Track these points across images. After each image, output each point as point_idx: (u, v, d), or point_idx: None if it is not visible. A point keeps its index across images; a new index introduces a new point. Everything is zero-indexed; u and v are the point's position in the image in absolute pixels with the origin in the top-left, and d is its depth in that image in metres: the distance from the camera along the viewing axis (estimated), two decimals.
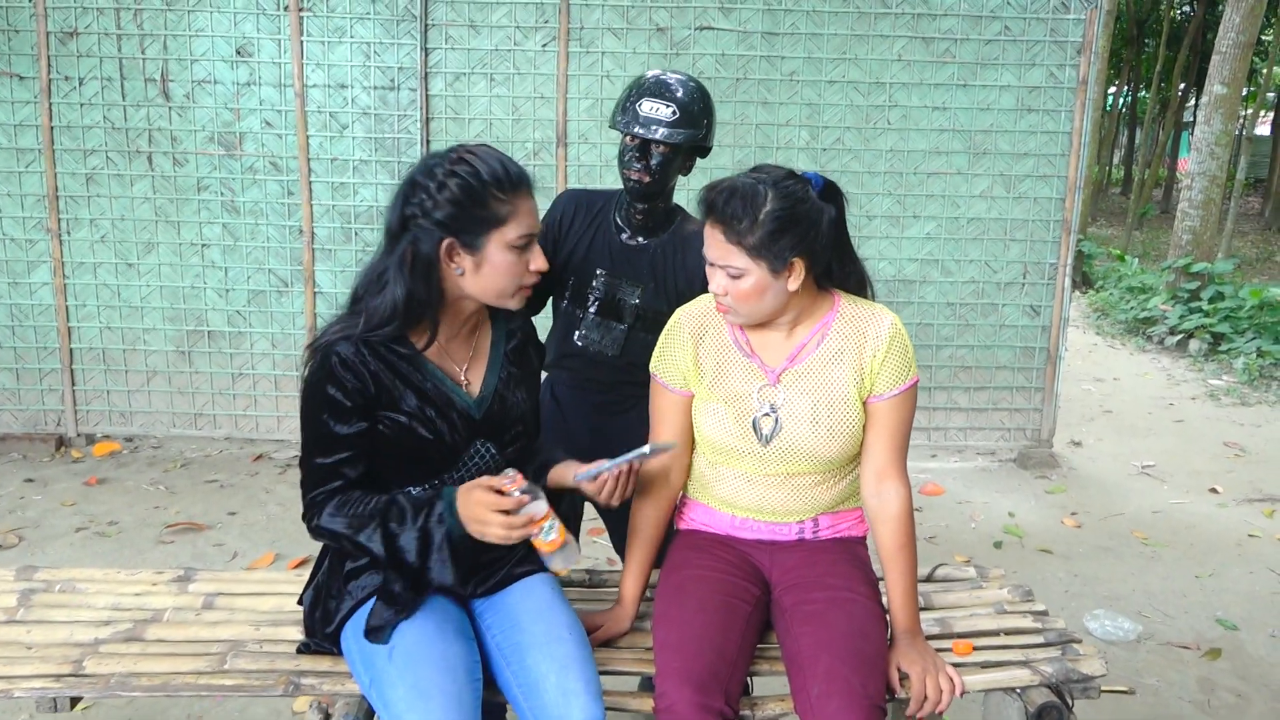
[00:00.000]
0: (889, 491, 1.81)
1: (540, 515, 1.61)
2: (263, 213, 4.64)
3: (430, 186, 1.63)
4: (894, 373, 1.79)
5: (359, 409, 1.65)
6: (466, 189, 1.62)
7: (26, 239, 4.64)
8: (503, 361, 1.82)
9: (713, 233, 1.72)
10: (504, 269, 1.66)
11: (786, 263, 1.70)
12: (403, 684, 1.57)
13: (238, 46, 4.52)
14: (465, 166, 1.63)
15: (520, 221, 1.65)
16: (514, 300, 1.72)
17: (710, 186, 1.73)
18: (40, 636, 1.88)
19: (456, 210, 1.62)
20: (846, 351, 1.80)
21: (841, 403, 1.79)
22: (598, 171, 4.63)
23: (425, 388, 1.70)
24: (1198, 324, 7.79)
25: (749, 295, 1.72)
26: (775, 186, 1.69)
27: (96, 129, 4.55)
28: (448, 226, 1.62)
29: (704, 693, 1.58)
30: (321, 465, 1.67)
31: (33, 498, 4.18)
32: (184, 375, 4.78)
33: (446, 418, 1.71)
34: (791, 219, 1.68)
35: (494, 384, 1.79)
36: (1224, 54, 7.88)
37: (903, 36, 4.60)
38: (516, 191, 1.65)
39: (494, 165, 1.64)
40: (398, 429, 1.68)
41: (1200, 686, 2.94)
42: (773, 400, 1.81)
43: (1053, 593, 3.51)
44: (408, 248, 1.63)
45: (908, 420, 1.82)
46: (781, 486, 1.85)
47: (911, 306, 4.81)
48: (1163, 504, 4.50)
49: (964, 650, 1.89)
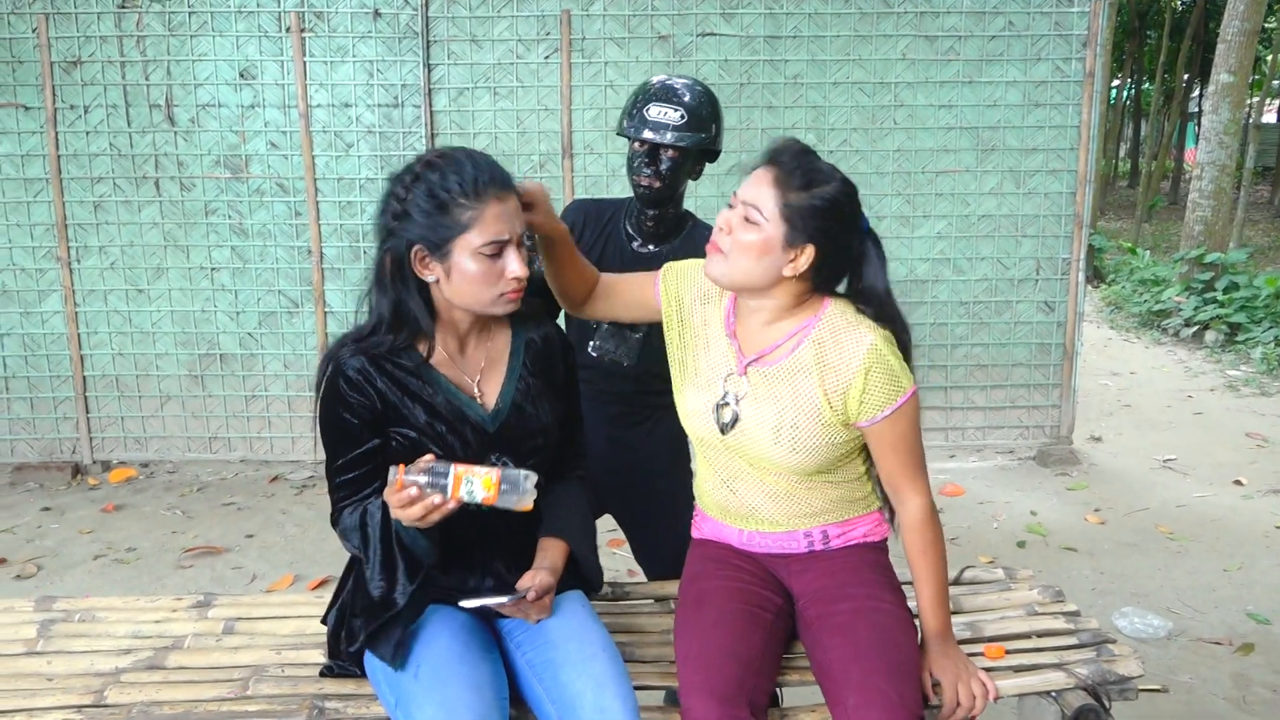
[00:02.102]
0: (904, 503, 1.77)
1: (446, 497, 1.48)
2: (271, 234, 4.64)
3: (399, 193, 1.61)
4: (879, 398, 1.68)
5: (370, 425, 1.65)
6: (430, 195, 1.58)
7: (37, 268, 4.65)
8: (521, 372, 1.77)
9: (763, 174, 1.67)
10: (475, 277, 1.61)
11: (802, 241, 1.65)
12: (429, 704, 1.54)
13: (241, 69, 4.52)
14: (431, 171, 1.60)
15: (487, 228, 1.58)
16: (497, 307, 1.66)
17: (785, 138, 1.71)
18: (61, 667, 1.86)
19: (421, 217, 1.59)
20: (815, 368, 1.71)
21: (809, 419, 1.71)
22: (604, 182, 4.62)
23: (435, 402, 1.67)
24: (1213, 315, 7.72)
25: (750, 248, 1.65)
26: (841, 183, 1.68)
27: (103, 156, 4.56)
28: (415, 233, 1.60)
29: (728, 704, 1.55)
30: (343, 480, 1.68)
31: (50, 526, 4.18)
32: (197, 399, 4.78)
33: (458, 432, 1.68)
34: (836, 212, 1.66)
35: (510, 395, 1.74)
36: (1229, 42, 7.84)
37: (906, 35, 4.58)
38: (482, 197, 1.58)
39: (459, 169, 1.59)
40: (409, 444, 1.66)
41: (1235, 683, 2.90)
42: (736, 391, 1.76)
43: (1079, 591, 3.47)
44: (385, 256, 1.62)
45: (909, 433, 1.73)
46: (759, 490, 1.80)
47: (924, 306, 4.78)
48: (1186, 497, 4.45)
49: (996, 654, 1.85)
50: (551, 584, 1.70)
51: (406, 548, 1.60)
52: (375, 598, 1.62)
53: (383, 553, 1.60)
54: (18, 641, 1.95)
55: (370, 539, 1.61)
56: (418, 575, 1.63)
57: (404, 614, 1.64)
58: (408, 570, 1.62)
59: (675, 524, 2.33)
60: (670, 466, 2.38)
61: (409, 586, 1.62)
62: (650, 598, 2.14)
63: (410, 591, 1.62)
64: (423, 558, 1.62)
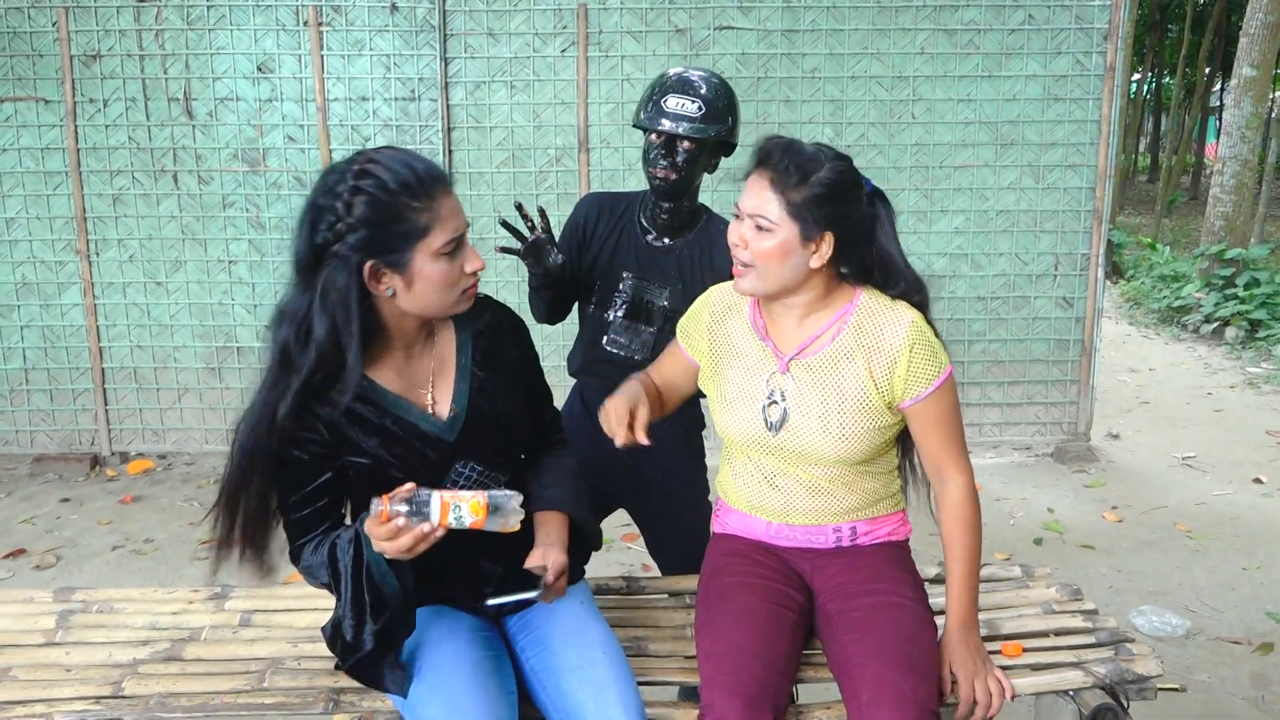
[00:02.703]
0: (946, 481, 1.76)
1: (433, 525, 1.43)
2: (288, 228, 4.65)
3: (337, 208, 1.45)
4: (923, 375, 1.71)
5: (323, 459, 1.56)
6: (376, 204, 1.45)
7: (56, 261, 4.68)
8: (471, 368, 1.67)
9: (758, 180, 1.67)
10: (437, 280, 1.51)
11: (818, 232, 1.65)
12: (436, 701, 1.54)
13: (259, 63, 4.54)
14: (369, 180, 1.45)
15: (444, 226, 1.49)
16: (459, 306, 1.58)
17: (769, 138, 1.69)
18: (79, 658, 1.88)
19: (370, 230, 1.45)
20: (860, 351, 1.72)
21: (856, 405, 1.72)
22: (620, 176, 4.61)
23: (385, 424, 1.58)
24: (1234, 311, 7.65)
25: (771, 254, 1.65)
26: (834, 160, 1.67)
27: (122, 150, 4.59)
28: (365, 249, 1.45)
29: (753, 706, 1.54)
30: (298, 518, 1.60)
31: (69, 517, 4.21)
32: (215, 391, 4.81)
33: (416, 451, 1.60)
34: (840, 192, 1.65)
35: (465, 398, 1.65)
36: (1252, 36, 7.75)
37: (925, 29, 4.54)
38: (432, 195, 1.48)
39: (401, 171, 1.47)
40: (366, 471, 1.58)
41: (1254, 682, 2.87)
42: (781, 388, 1.76)
43: (1097, 589, 3.44)
44: (326, 280, 1.46)
45: (951, 410, 1.75)
46: (800, 484, 1.79)
47: (941, 301, 4.75)
48: (1205, 495, 4.41)
49: (1013, 652, 1.84)
50: (565, 562, 1.65)
51: (376, 586, 1.52)
52: (348, 640, 1.56)
53: (353, 590, 1.53)
54: (37, 632, 1.97)
55: (341, 575, 1.54)
56: (382, 616, 1.54)
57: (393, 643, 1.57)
58: (373, 610, 1.54)
59: (691, 519, 2.33)
60: (685, 462, 2.37)
61: (374, 627, 1.54)
62: (665, 592, 2.13)
63: (375, 632, 1.54)
64: (390, 598, 1.54)
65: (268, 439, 1.51)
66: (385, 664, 1.58)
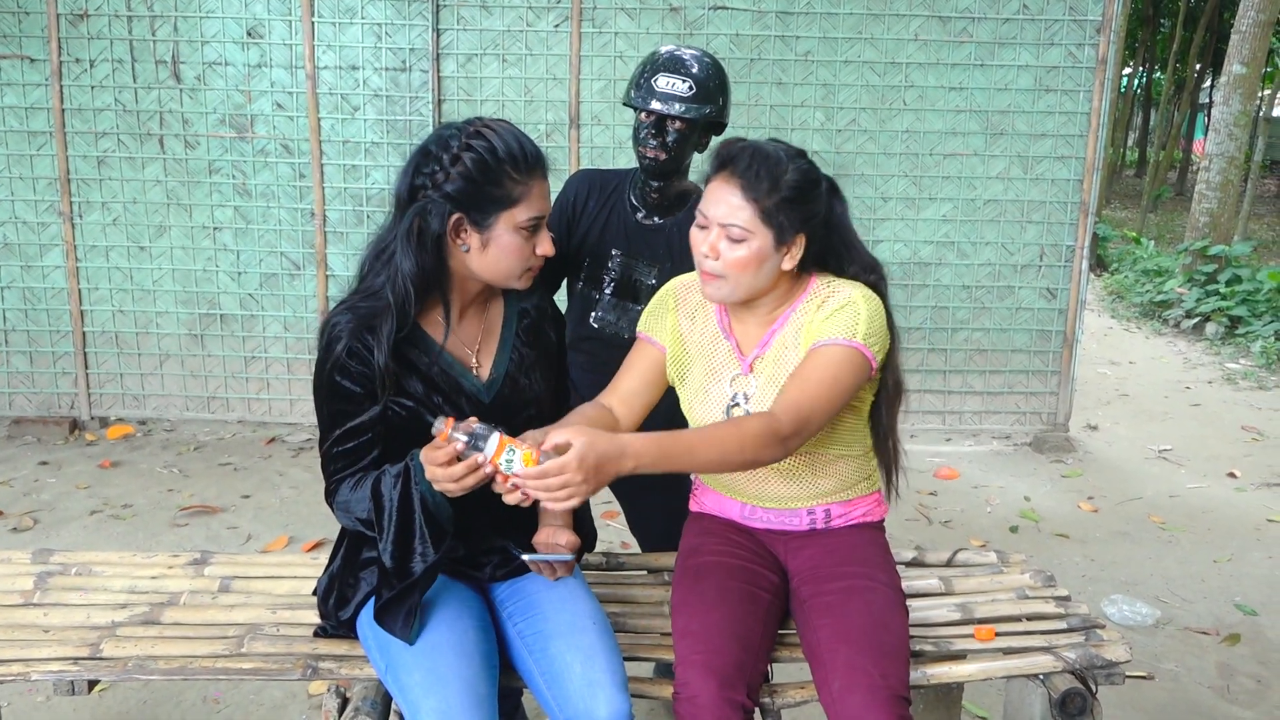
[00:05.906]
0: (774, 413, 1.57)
1: (488, 458, 1.43)
2: (274, 195, 4.62)
3: (444, 158, 1.58)
4: (832, 326, 1.63)
5: (370, 394, 1.62)
6: (480, 164, 1.57)
7: (39, 222, 4.63)
8: (514, 342, 1.77)
9: (725, 188, 1.63)
10: (511, 251, 1.62)
11: (792, 235, 1.65)
12: (419, 669, 1.55)
13: (248, 28, 4.49)
14: (481, 141, 1.58)
15: (532, 204, 1.61)
16: (520, 282, 1.68)
17: (729, 142, 1.67)
18: (58, 619, 1.88)
19: (468, 186, 1.57)
20: (805, 328, 1.70)
21: None
22: (611, 153, 4.59)
23: (432, 373, 1.66)
24: (1215, 307, 7.72)
25: (746, 263, 1.63)
26: (795, 159, 1.66)
27: (108, 112, 4.53)
28: (457, 201, 1.58)
29: (728, 686, 1.55)
30: (339, 452, 1.65)
31: (47, 480, 4.19)
32: (196, 358, 4.78)
33: (454, 403, 1.68)
34: (807, 190, 1.65)
35: (505, 366, 1.75)
36: (1243, 33, 7.78)
37: (919, 15, 4.54)
38: (531, 172, 1.61)
39: (510, 143, 1.59)
40: (406, 414, 1.65)
41: (1220, 672, 2.92)
42: (744, 390, 1.76)
43: (1070, 578, 3.48)
44: (415, 219, 1.58)
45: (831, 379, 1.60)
46: (771, 470, 1.79)
47: (927, 289, 4.77)
48: (1180, 488, 4.47)
49: (986, 636, 1.87)
50: (578, 541, 1.76)
51: (431, 514, 1.56)
52: (390, 568, 1.58)
53: (399, 520, 1.56)
54: (15, 593, 1.97)
55: (385, 507, 1.57)
56: (442, 543, 1.59)
57: (420, 584, 1.60)
58: (432, 537, 1.57)
59: (672, 497, 2.34)
60: None
61: (432, 555, 1.57)
62: (644, 569, 2.15)
63: (432, 559, 1.57)
64: (445, 525, 1.58)
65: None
66: (405, 607, 1.60)
